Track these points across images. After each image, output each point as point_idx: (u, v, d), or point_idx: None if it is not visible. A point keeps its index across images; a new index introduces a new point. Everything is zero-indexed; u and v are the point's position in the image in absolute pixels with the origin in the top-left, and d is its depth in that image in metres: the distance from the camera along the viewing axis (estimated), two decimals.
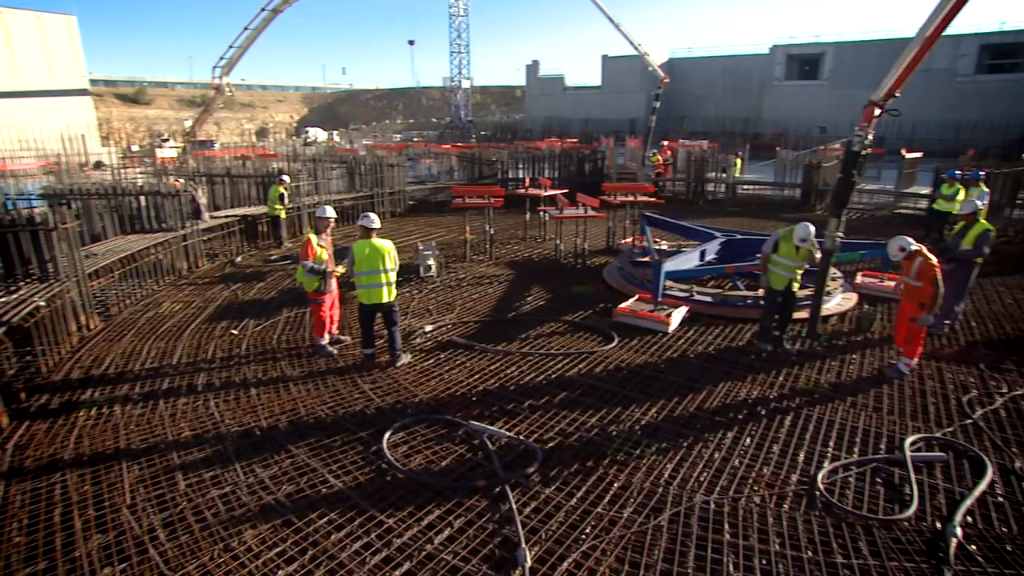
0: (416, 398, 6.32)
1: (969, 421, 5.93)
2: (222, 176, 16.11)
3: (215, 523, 4.34)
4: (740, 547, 4.13)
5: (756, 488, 4.81)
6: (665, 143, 27.73)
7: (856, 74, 45.41)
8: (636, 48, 29.00)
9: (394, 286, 7.01)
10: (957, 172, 13.42)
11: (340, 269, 7.63)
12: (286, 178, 13.89)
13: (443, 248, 12.89)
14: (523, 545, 4.05)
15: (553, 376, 6.89)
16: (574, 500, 4.63)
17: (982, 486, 4.80)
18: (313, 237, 7.40)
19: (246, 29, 31.88)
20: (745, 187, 21.87)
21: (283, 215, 13.76)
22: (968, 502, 4.59)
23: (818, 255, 7.40)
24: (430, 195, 20.99)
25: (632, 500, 4.63)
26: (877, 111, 7.18)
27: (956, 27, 6.94)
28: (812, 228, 7.14)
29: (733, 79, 55.06)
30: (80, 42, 42.91)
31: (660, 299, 8.58)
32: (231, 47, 32.28)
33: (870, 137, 7.39)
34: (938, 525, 4.38)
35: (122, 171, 18.36)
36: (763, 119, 49.50)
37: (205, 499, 4.61)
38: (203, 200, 13.81)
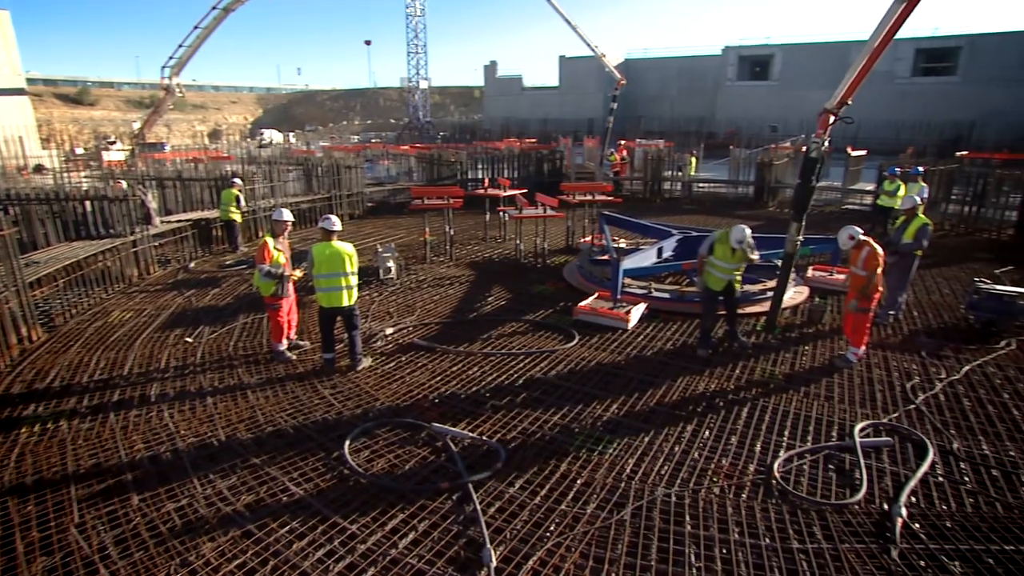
0: (378, 402, 6.26)
1: (912, 406, 6.20)
2: (173, 179, 15.60)
3: (171, 538, 4.21)
4: (701, 538, 4.23)
5: (715, 479, 4.93)
6: (622, 142, 28.13)
7: (804, 75, 47.01)
8: (593, 49, 29.28)
9: (355, 289, 6.92)
10: (897, 169, 14.03)
11: (298, 273, 7.49)
12: (238, 180, 13.54)
13: (403, 250, 12.80)
14: (488, 545, 4.06)
15: (515, 376, 6.92)
16: (538, 498, 4.66)
17: (924, 467, 5.04)
18: (270, 240, 7.25)
19: (196, 28, 30.89)
20: (700, 185, 22.35)
21: (238, 218, 13.42)
22: (912, 483, 4.81)
23: (754, 256, 7.38)
24: (389, 197, 20.79)
25: (595, 496, 4.69)
26: (832, 119, 7.44)
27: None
28: (748, 230, 7.17)
29: (687, 80, 56.17)
30: (14, 38, 40.90)
31: (619, 297, 8.70)
32: (181, 46, 31.22)
33: (827, 144, 7.64)
34: (885, 507, 4.57)
35: (65, 175, 17.62)
36: (717, 119, 50.72)
37: (160, 513, 4.47)
38: (153, 204, 13.35)
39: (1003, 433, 5.72)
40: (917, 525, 4.38)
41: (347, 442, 5.36)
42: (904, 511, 4.46)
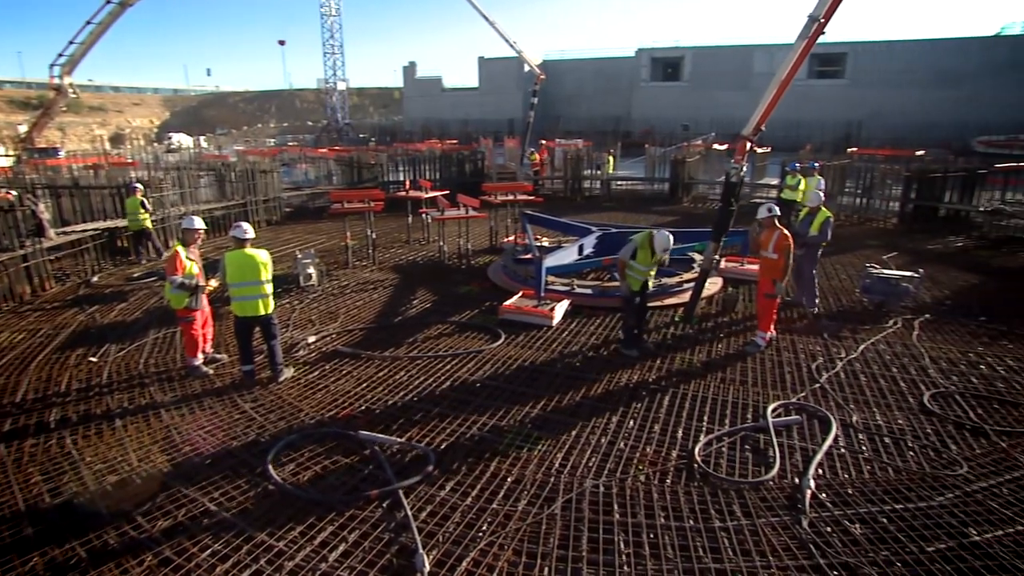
0: (302, 413, 6.07)
1: (817, 385, 6.66)
2: (69, 187, 14.48)
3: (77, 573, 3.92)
4: (629, 525, 4.36)
5: (641, 467, 5.10)
6: (543, 143, 28.52)
7: (712, 76, 49.41)
8: (511, 45, 29.44)
9: (271, 298, 6.67)
10: (798, 165, 15.01)
11: (213, 283, 7.14)
12: (139, 185, 12.78)
13: (324, 255, 12.45)
14: (421, 551, 4.02)
15: (442, 378, 6.89)
16: (469, 499, 4.66)
17: (828, 441, 5.42)
18: (181, 250, 6.87)
19: (89, 23, 28.67)
20: (619, 183, 23.00)
21: (150, 224, 12.67)
22: (818, 457, 5.16)
23: (666, 259, 7.62)
24: (308, 201, 20.15)
25: (526, 492, 4.74)
26: (748, 145, 7.88)
27: (785, 38, 7.80)
28: (672, 238, 7.25)
29: (604, 80, 57.60)
30: None
31: (543, 294, 8.84)
32: (72, 43, 28.83)
33: (744, 169, 8.06)
34: (796, 480, 4.88)
35: None
36: (632, 118, 52.31)
37: (62, 551, 4.14)
38: (46, 215, 12.35)
39: (892, 404, 6.26)
40: (824, 495, 4.71)
41: (270, 456, 5.17)
42: (812, 483, 4.79)
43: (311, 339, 8.00)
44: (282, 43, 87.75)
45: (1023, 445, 5.48)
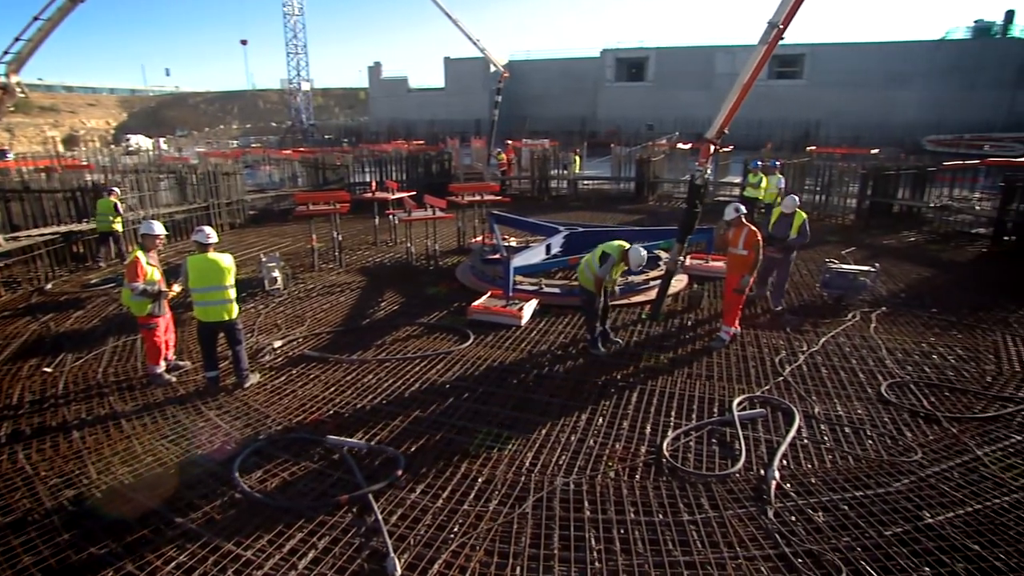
0: (269, 419, 5.96)
1: (780, 378, 6.82)
2: (19, 191, 13.90)
3: None
4: (600, 521, 4.40)
5: (610, 464, 5.15)
6: (509, 143, 28.57)
7: (676, 77, 50.16)
8: (475, 43, 29.45)
9: (235, 303, 6.53)
10: (759, 163, 15.35)
11: (176, 288, 6.93)
12: (116, 189, 12.49)
13: (289, 259, 12.24)
14: (392, 554, 3.99)
15: (411, 380, 6.84)
16: (440, 501, 4.64)
17: (792, 433, 5.56)
18: (141, 256, 6.66)
19: (37, 19, 27.58)
20: (585, 182, 23.18)
21: (120, 228, 12.33)
22: (782, 448, 5.29)
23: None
24: (272, 204, 19.77)
25: (497, 492, 4.74)
26: (712, 148, 8.00)
27: (749, 39, 7.98)
28: (645, 254, 7.32)
29: (569, 80, 57.92)
30: None
31: (511, 294, 8.86)
32: (18, 39, 27.74)
33: (709, 172, 8.19)
34: (762, 472, 4.99)
35: None
36: (598, 118, 52.78)
37: (15, 570, 3.98)
38: None
39: (852, 395, 6.45)
40: (788, 485, 4.83)
41: (237, 463, 5.06)
42: (777, 474, 4.90)
43: (277, 344, 7.87)
44: (244, 43, 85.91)
45: (972, 430, 5.72)
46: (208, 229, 6.55)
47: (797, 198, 9.08)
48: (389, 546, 4.08)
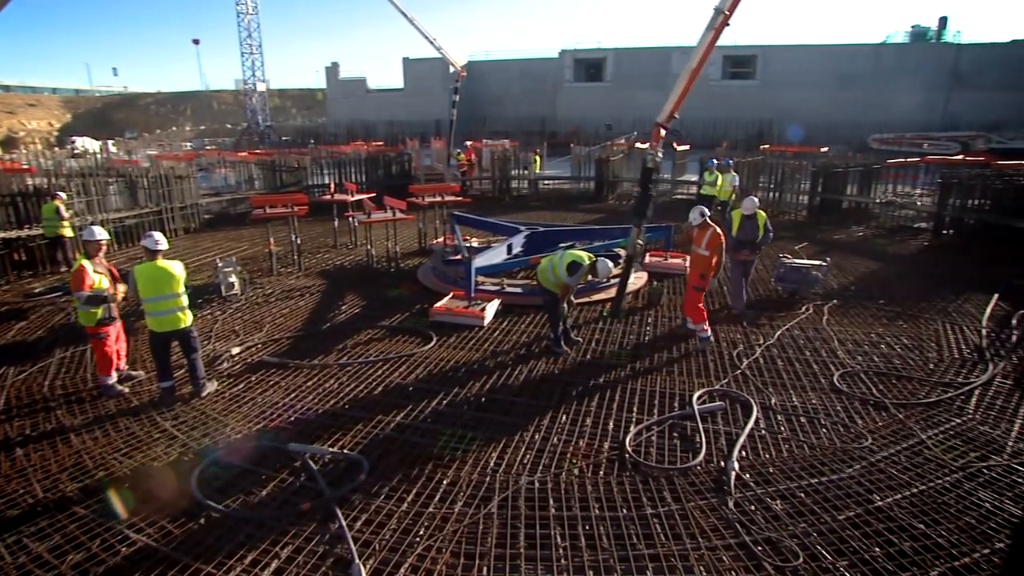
0: (228, 427, 5.81)
1: (738, 371, 6.99)
2: None
3: None
4: (565, 518, 4.43)
5: (574, 461, 5.19)
6: (469, 144, 28.50)
7: (634, 77, 50.85)
8: (431, 43, 29.28)
9: (187, 310, 6.35)
10: (715, 161, 15.71)
11: (121, 289, 6.64)
12: (62, 194, 11.99)
13: (246, 263, 11.96)
14: (357, 561, 3.94)
15: (374, 383, 6.77)
16: (405, 504, 4.60)
17: (750, 424, 5.70)
18: (86, 264, 6.40)
19: None
20: (546, 182, 23.32)
21: (69, 232, 11.84)
22: (741, 440, 5.42)
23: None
24: (228, 207, 19.27)
25: (462, 494, 4.73)
26: (662, 131, 8.09)
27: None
28: (612, 266, 7.52)
29: (529, 81, 58.13)
30: None
31: (473, 295, 8.84)
32: None
33: (660, 155, 8.29)
34: (722, 463, 5.11)
35: None
36: (558, 118, 53.10)
37: None
38: None
39: (807, 385, 6.66)
40: (747, 475, 4.96)
41: (195, 474, 4.92)
42: (736, 464, 5.02)
43: (235, 350, 7.68)
44: (196, 42, 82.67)
45: (916, 415, 5.98)
46: (157, 235, 6.34)
47: (756, 199, 9.17)
48: (354, 552, 4.03)
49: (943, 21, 49.37)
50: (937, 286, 10.41)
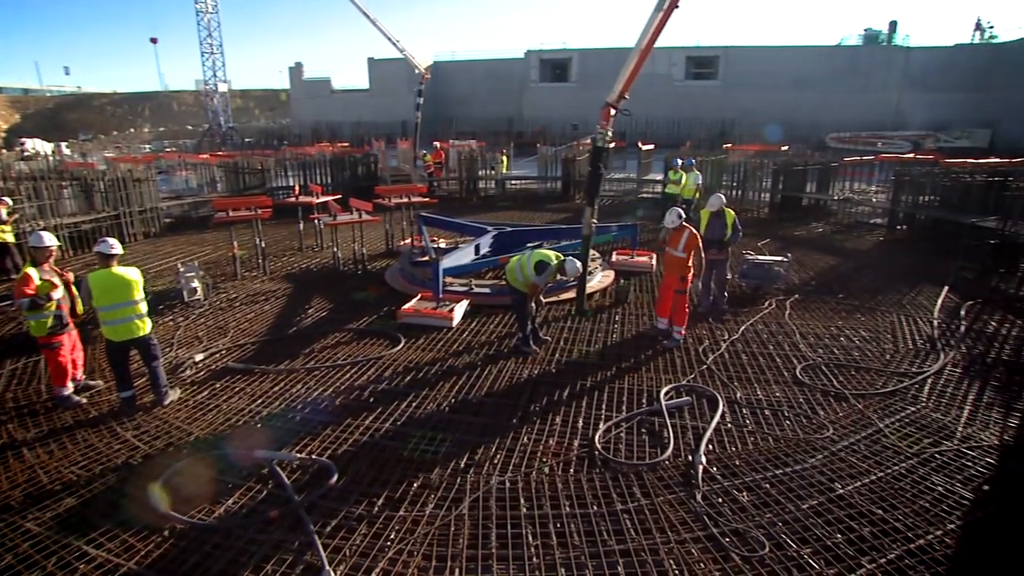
0: (191, 436, 5.67)
1: (704, 366, 7.12)
2: None
3: None
4: (536, 517, 4.45)
5: (544, 459, 5.22)
6: (437, 144, 28.40)
7: (599, 77, 51.03)
8: (395, 44, 29.02)
9: (146, 317, 6.17)
10: (679, 161, 15.94)
11: (56, 294, 6.36)
12: (8, 199, 11.51)
13: (209, 268, 11.69)
14: (327, 567, 3.90)
15: (342, 387, 6.69)
16: (375, 508, 4.56)
17: (716, 418, 5.81)
18: (32, 271, 6.17)
19: None
20: (513, 182, 23.35)
21: (11, 239, 11.37)
22: (708, 434, 5.52)
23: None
24: (190, 211, 18.79)
25: (433, 496, 4.71)
26: (612, 111, 8.15)
27: (667, 41, 8.21)
28: (580, 265, 7.56)
29: (495, 81, 58.16)
30: None
31: (441, 296, 8.81)
32: None
33: (610, 134, 8.36)
34: (689, 458, 5.20)
35: None
36: (524, 118, 53.31)
37: None
38: None
39: (771, 379, 6.82)
40: (714, 468, 5.06)
41: (157, 485, 4.79)
42: (704, 459, 5.12)
43: (198, 357, 7.50)
44: (154, 41, 79.85)
45: (875, 405, 6.18)
46: (112, 240, 6.13)
47: (722, 196, 9.12)
48: (323, 559, 3.98)
49: (893, 25, 51.26)
50: (892, 280, 10.78)
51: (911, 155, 24.93)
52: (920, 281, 10.57)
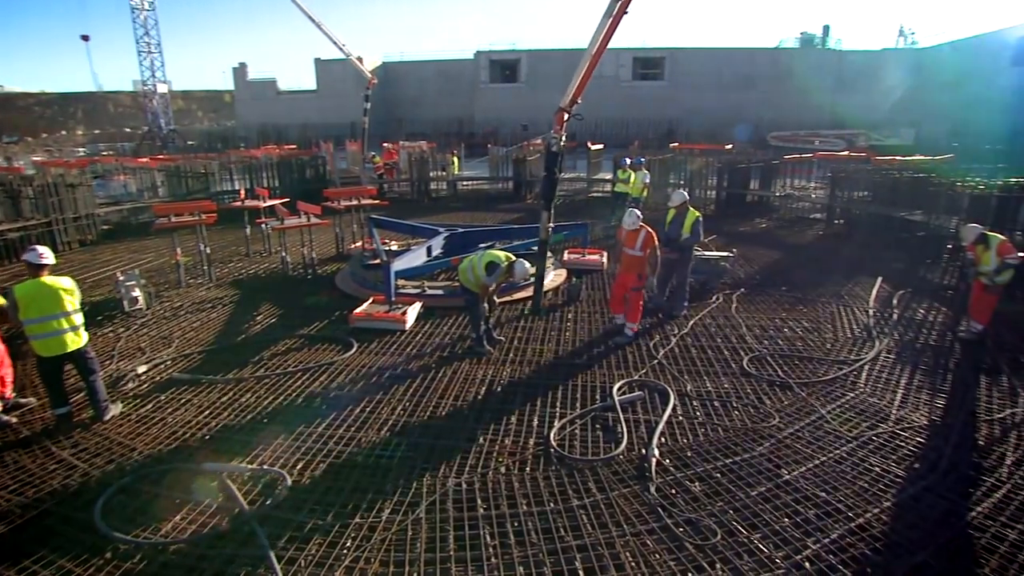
0: (135, 451, 5.45)
1: (655, 361, 7.27)
2: None
3: None
4: (493, 517, 4.46)
5: (501, 459, 5.24)
6: (387, 145, 28.06)
7: (548, 78, 51.58)
8: (341, 48, 28.48)
9: (81, 329, 5.88)
10: (627, 160, 16.23)
11: None
12: None
13: (151, 276, 11.24)
14: None
15: (294, 395, 6.54)
16: (330, 517, 4.48)
17: (668, 412, 5.95)
18: None
19: None
20: (465, 183, 23.33)
21: None
22: (660, 427, 5.64)
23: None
24: (129, 217, 18.00)
25: (389, 501, 4.66)
26: (566, 116, 8.24)
27: (615, 43, 8.30)
28: (529, 267, 7.54)
29: (445, 82, 57.94)
30: None
31: (394, 299, 8.72)
32: None
33: (563, 139, 8.43)
34: (642, 451, 5.30)
35: None
36: (475, 119, 53.24)
37: None
38: None
39: (719, 371, 7.03)
40: (667, 460, 5.17)
41: (98, 505, 4.58)
42: (656, 451, 5.23)
43: (141, 369, 7.20)
44: (85, 38, 75.42)
45: (817, 392, 6.45)
46: (41, 249, 5.82)
47: (685, 192, 9.09)
48: (278, 571, 3.90)
49: (826, 29, 53.71)
50: (831, 272, 11.26)
51: (845, 153, 26.06)
52: (856, 272, 11.07)
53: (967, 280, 8.55)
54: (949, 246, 11.79)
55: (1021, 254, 7.71)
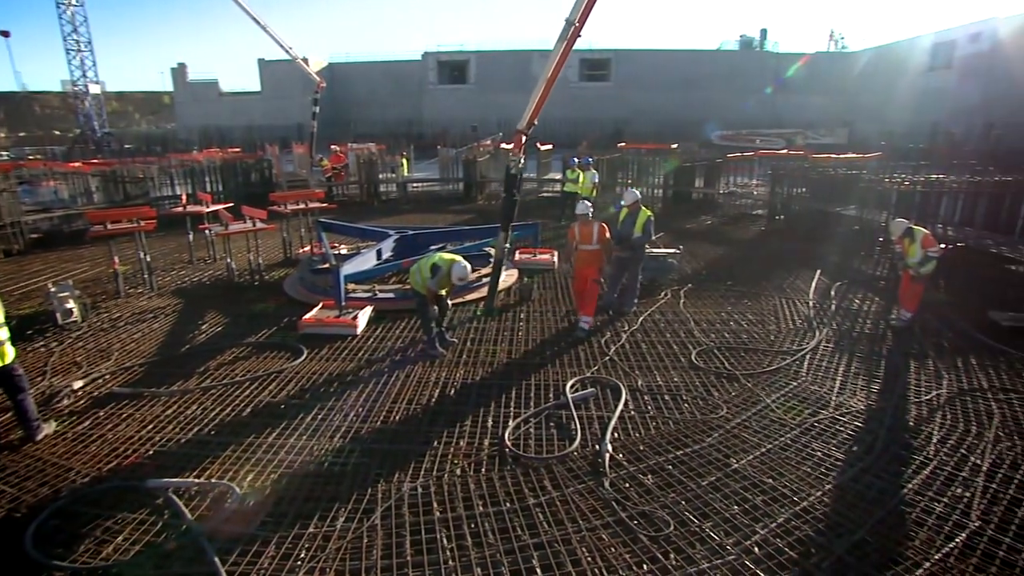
0: (72, 472, 5.18)
1: (607, 358, 7.40)
2: None
3: None
4: (450, 519, 4.45)
5: (456, 461, 5.23)
6: (335, 147, 27.58)
7: (496, 79, 51.91)
8: (287, 51, 27.85)
9: (7, 345, 5.57)
10: (576, 160, 16.44)
11: None
12: None
13: (87, 286, 10.73)
14: None
15: (241, 405, 6.36)
16: (283, 528, 4.38)
17: (620, 407, 6.06)
18: None
19: None
20: (415, 185, 23.14)
21: None
22: (612, 422, 5.74)
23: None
24: (60, 224, 17.11)
25: (343, 509, 4.59)
26: (524, 138, 8.27)
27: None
28: (468, 268, 7.40)
29: (393, 83, 57.31)
30: None
31: (344, 303, 8.59)
32: None
33: (522, 161, 8.45)
34: (596, 447, 5.38)
35: None
36: (424, 120, 52.90)
37: None
38: None
39: (669, 365, 7.21)
40: (620, 455, 5.27)
41: (30, 531, 4.34)
42: (610, 447, 5.32)
43: (77, 384, 6.86)
44: (5, 35, 70.58)
45: (762, 383, 6.69)
46: None
47: (637, 192, 9.14)
48: None
49: (763, 33, 55.86)
50: (774, 266, 11.70)
51: (784, 151, 27.05)
52: (797, 266, 11.53)
53: (897, 271, 9.02)
54: (880, 239, 12.42)
55: (942, 246, 8.21)
